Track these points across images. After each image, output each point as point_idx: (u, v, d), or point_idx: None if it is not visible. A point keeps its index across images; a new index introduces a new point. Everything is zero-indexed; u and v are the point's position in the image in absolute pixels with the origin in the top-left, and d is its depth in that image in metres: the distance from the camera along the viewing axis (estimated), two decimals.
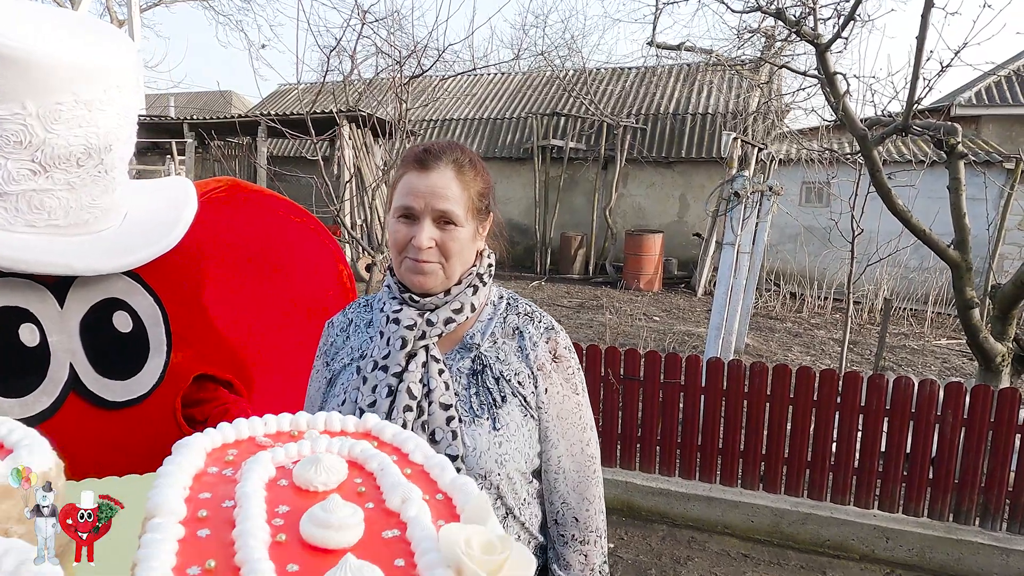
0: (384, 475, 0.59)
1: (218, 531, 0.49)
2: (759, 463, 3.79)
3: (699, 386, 3.82)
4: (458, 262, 1.26)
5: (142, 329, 1.31)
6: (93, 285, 1.24)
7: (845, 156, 4.86)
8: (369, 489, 0.58)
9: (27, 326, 1.15)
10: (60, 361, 1.18)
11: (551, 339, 1.30)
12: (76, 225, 1.20)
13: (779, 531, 3.68)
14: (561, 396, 1.28)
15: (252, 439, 0.65)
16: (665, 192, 13.27)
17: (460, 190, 1.24)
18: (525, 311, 1.33)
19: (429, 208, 1.22)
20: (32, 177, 1.12)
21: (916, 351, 8.75)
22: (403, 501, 0.55)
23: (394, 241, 1.27)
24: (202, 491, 0.54)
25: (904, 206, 3.33)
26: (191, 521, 0.50)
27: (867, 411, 3.55)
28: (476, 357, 1.27)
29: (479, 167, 1.30)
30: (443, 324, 1.26)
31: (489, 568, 0.47)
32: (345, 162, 9.14)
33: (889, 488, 3.58)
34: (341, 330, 1.39)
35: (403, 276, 1.28)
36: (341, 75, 5.78)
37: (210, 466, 0.59)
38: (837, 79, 3.19)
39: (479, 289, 1.31)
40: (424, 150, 1.27)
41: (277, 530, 0.50)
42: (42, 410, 1.16)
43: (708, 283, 11.22)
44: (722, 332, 5.33)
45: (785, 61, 5.40)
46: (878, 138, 3.14)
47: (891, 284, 9.95)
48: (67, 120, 1.12)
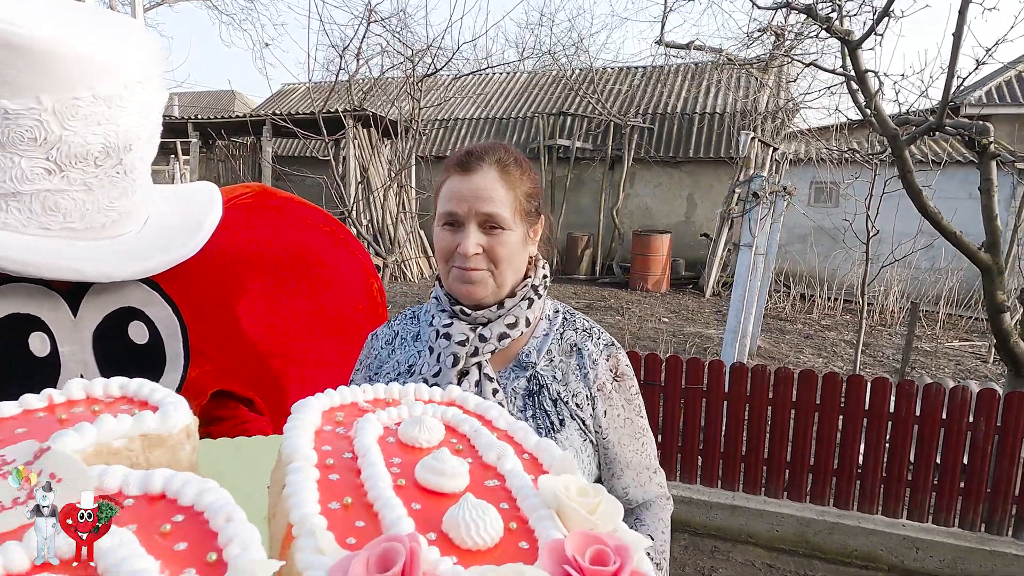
0: (477, 436, 0.64)
1: (346, 476, 0.55)
2: (783, 471, 3.70)
3: (722, 392, 3.73)
4: (508, 269, 1.18)
5: (159, 341, 1.24)
6: (109, 293, 1.17)
7: (868, 156, 4.76)
8: (465, 448, 0.63)
9: (37, 335, 1.09)
10: (71, 373, 1.11)
11: (612, 356, 1.22)
12: (93, 229, 1.13)
13: (805, 541, 3.59)
14: (623, 419, 1.19)
15: (355, 404, 0.70)
16: (672, 192, 13.18)
17: (505, 191, 1.16)
18: (583, 326, 1.26)
19: (473, 212, 1.15)
20: (47, 177, 1.05)
21: (929, 353, 8.65)
22: (498, 457, 0.60)
23: (440, 250, 1.20)
24: (323, 444, 0.59)
25: (935, 208, 3.24)
26: (321, 467, 0.55)
27: (896, 418, 3.46)
28: (532, 377, 1.19)
29: (525, 166, 1.22)
30: (497, 340, 1.18)
31: (588, 509, 0.52)
32: (352, 162, 9.05)
33: (919, 497, 3.49)
34: (386, 343, 1.32)
35: (451, 286, 1.20)
36: (347, 74, 5.71)
37: (325, 424, 0.64)
38: (868, 77, 3.10)
39: (534, 302, 1.23)
40: (466, 152, 1.19)
41: (396, 476, 0.55)
42: None
43: (716, 284, 11.12)
44: (739, 335, 5.23)
45: (796, 59, 5.29)
46: (910, 138, 3.05)
47: (902, 285, 9.86)
48: (85, 117, 1.06)
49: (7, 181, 1.03)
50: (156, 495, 0.47)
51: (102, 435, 0.55)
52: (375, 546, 0.43)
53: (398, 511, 0.50)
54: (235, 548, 0.42)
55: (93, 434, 0.54)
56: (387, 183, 6.81)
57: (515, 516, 0.54)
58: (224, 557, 0.42)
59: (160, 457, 0.58)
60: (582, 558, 0.45)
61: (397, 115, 8.03)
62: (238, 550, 0.42)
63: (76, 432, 0.53)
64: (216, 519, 0.45)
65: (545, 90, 15.21)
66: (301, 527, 0.47)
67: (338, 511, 0.51)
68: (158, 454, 0.58)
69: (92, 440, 0.54)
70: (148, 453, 0.58)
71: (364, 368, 1.32)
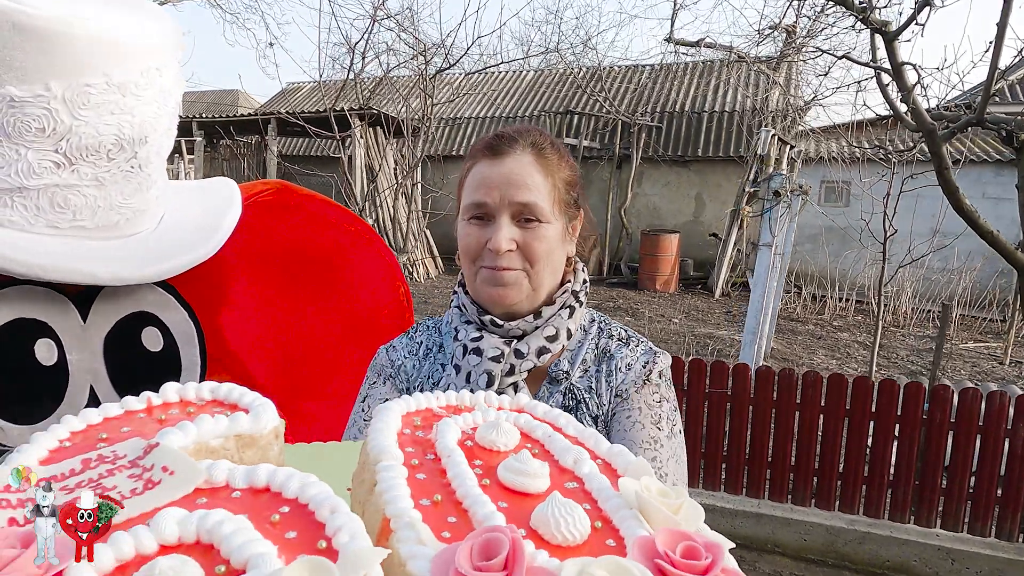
0: (552, 441, 0.65)
1: (432, 476, 0.56)
2: (811, 478, 3.58)
3: (747, 396, 3.61)
4: (546, 269, 1.04)
5: (174, 348, 1.17)
6: (121, 297, 1.10)
7: (900, 151, 4.63)
8: (541, 452, 0.64)
9: (44, 342, 1.01)
10: (79, 383, 1.04)
11: (649, 363, 1.06)
12: (104, 227, 1.06)
13: (834, 550, 3.48)
14: (631, 423, 1.02)
15: (430, 409, 0.70)
16: (681, 191, 13.06)
17: (542, 178, 1.02)
18: (620, 335, 1.11)
19: (506, 202, 1.00)
20: (56, 170, 0.98)
21: (944, 355, 8.52)
22: (575, 460, 0.61)
23: (465, 248, 1.05)
24: (406, 446, 0.60)
25: (971, 206, 3.12)
26: (408, 466, 0.56)
27: (930, 424, 3.34)
28: (568, 391, 1.05)
29: (563, 152, 1.08)
30: (535, 355, 1.03)
31: (671, 509, 0.51)
32: (358, 161, 8.96)
33: (953, 506, 3.37)
34: (411, 353, 1.16)
35: (479, 291, 1.06)
36: (354, 73, 5.61)
37: (404, 428, 0.65)
38: (905, 70, 2.99)
39: (575, 311, 1.08)
40: (495, 135, 1.05)
41: (480, 476, 0.56)
42: None
43: (726, 284, 11.01)
44: (757, 337, 5.12)
45: (827, 52, 5.16)
46: (947, 133, 2.94)
47: (914, 286, 9.73)
48: (97, 105, 0.98)
49: (13, 175, 0.96)
50: (261, 488, 0.49)
51: (202, 434, 0.57)
52: (477, 536, 0.44)
53: (488, 507, 0.51)
54: (344, 536, 0.43)
55: (194, 433, 0.56)
56: (395, 185, 6.72)
57: (599, 516, 0.54)
58: (334, 545, 0.43)
59: (252, 456, 0.61)
60: (673, 553, 0.45)
61: (405, 114, 7.93)
62: (347, 538, 0.43)
63: (179, 431, 0.55)
64: (321, 510, 0.46)
65: (552, 88, 15.10)
66: (399, 520, 0.48)
67: (429, 507, 0.51)
68: (250, 453, 0.60)
69: (193, 438, 0.56)
70: (241, 452, 0.60)
71: (382, 377, 1.17)
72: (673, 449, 1.03)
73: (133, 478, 0.49)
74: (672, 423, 1.05)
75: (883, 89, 3.43)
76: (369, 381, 1.18)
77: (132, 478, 0.49)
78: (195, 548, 0.43)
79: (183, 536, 0.44)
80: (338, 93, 5.36)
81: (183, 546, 0.43)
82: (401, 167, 6.58)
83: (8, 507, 0.47)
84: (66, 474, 0.51)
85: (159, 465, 0.49)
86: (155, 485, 0.48)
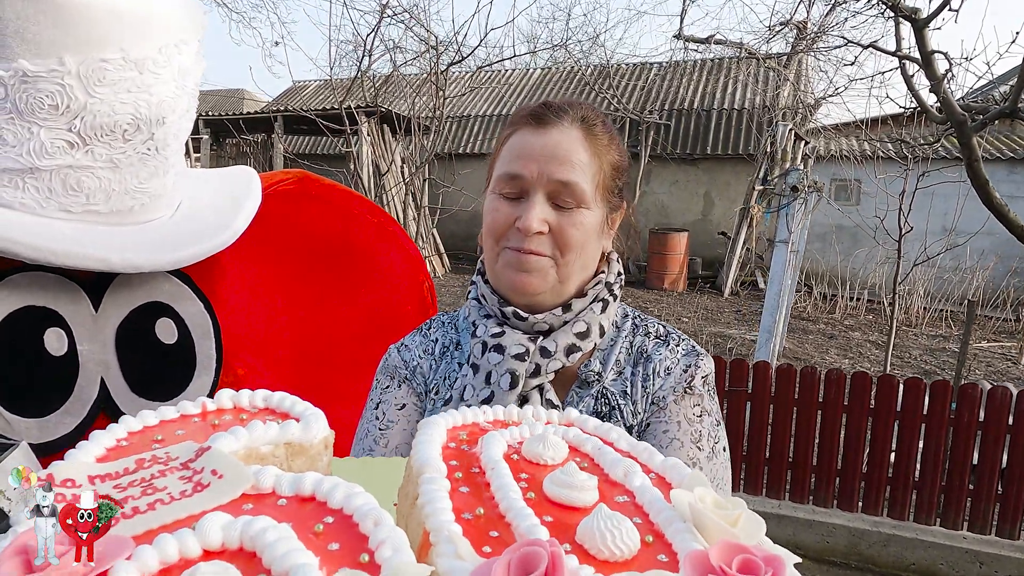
0: (602, 454, 0.62)
1: (475, 489, 0.55)
2: (834, 478, 3.50)
3: (768, 394, 3.53)
4: (577, 261, 0.93)
5: (189, 341, 1.11)
6: (135, 286, 1.05)
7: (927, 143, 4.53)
8: (590, 465, 0.62)
9: (54, 331, 0.97)
10: (90, 375, 1.00)
11: (691, 367, 0.96)
12: (119, 213, 1.01)
13: (857, 553, 3.39)
14: (668, 439, 0.91)
15: (476, 424, 0.68)
16: (689, 190, 12.98)
17: (589, 157, 0.92)
18: (658, 332, 1.00)
19: (544, 178, 0.90)
20: (69, 150, 0.94)
21: (957, 354, 8.44)
22: (626, 473, 0.58)
23: (491, 225, 0.94)
24: (450, 459, 0.59)
25: (1001, 199, 3.03)
26: (451, 479, 0.55)
27: (957, 424, 3.25)
28: (600, 396, 0.95)
29: (614, 133, 0.98)
30: (564, 354, 0.93)
31: (728, 521, 0.49)
32: (365, 159, 8.91)
33: (981, 507, 3.29)
34: (426, 352, 1.05)
35: (499, 275, 0.95)
36: (361, 70, 5.56)
37: (450, 442, 0.64)
38: (935, 59, 2.90)
39: (608, 305, 0.98)
40: (542, 103, 0.95)
41: (525, 490, 0.54)
42: (65, 434, 0.97)
43: (735, 283, 10.93)
44: (773, 335, 5.04)
45: (853, 43, 5.06)
46: (978, 124, 2.85)
47: (926, 285, 9.64)
48: (113, 82, 0.94)
49: (24, 155, 0.91)
50: (307, 496, 0.48)
51: (253, 440, 0.57)
52: (515, 551, 0.42)
53: (531, 520, 0.50)
54: (387, 550, 0.43)
55: (245, 438, 0.57)
56: (403, 180, 6.68)
57: (650, 530, 0.51)
58: (376, 559, 0.43)
59: (301, 465, 0.61)
60: (729, 568, 0.43)
61: (412, 112, 7.89)
62: (390, 552, 0.43)
63: (231, 435, 0.56)
64: (365, 522, 0.46)
65: (560, 86, 15.03)
66: (439, 534, 0.47)
67: (471, 521, 0.51)
68: (299, 462, 0.61)
69: (244, 443, 0.56)
70: (291, 461, 0.60)
71: (396, 379, 1.06)
72: (714, 472, 0.93)
73: (183, 480, 0.49)
74: (714, 440, 0.94)
75: (908, 80, 3.34)
76: (381, 385, 1.07)
77: (182, 479, 0.49)
78: (238, 555, 0.43)
79: (227, 542, 0.44)
80: (346, 90, 5.29)
81: (226, 552, 0.43)
82: (409, 165, 6.53)
83: (63, 501, 0.45)
84: (120, 472, 0.52)
85: (209, 468, 0.49)
86: (204, 488, 0.48)
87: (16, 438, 0.88)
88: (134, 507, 0.46)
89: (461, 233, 11.87)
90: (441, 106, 4.22)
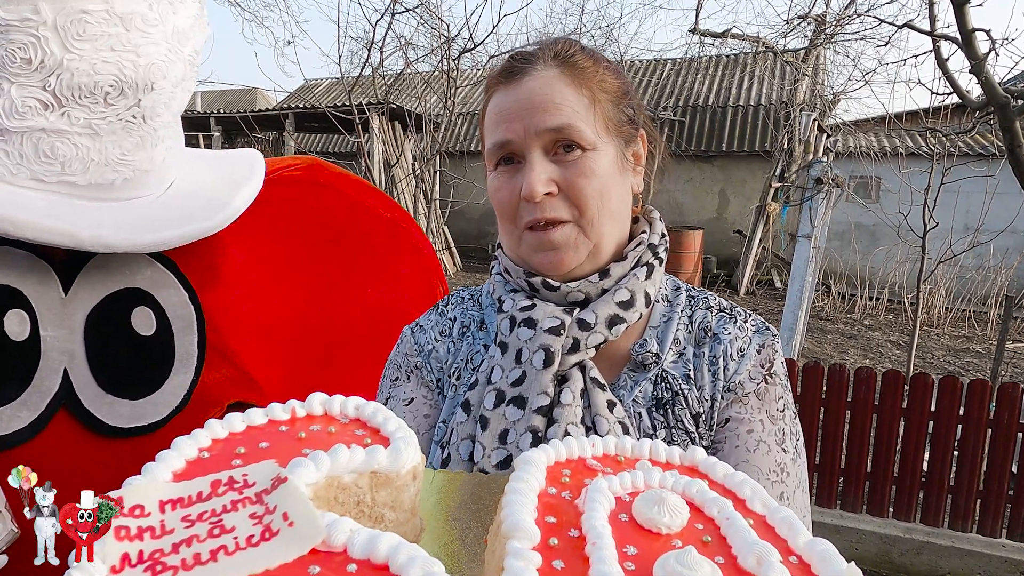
0: (730, 526, 0.52)
1: (572, 565, 0.47)
2: (863, 482, 3.34)
3: (793, 394, 3.37)
4: (603, 212, 0.81)
5: (168, 334, 1.01)
6: (112, 270, 0.95)
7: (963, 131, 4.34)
8: (715, 539, 0.52)
9: (16, 312, 0.87)
10: (52, 364, 0.90)
11: (766, 346, 0.84)
12: (98, 187, 0.92)
13: (889, 561, 3.23)
14: (755, 442, 0.81)
15: (583, 460, 0.61)
16: (704, 187, 12.82)
17: (575, 91, 0.80)
18: (719, 305, 0.88)
19: (532, 132, 0.79)
20: (42, 111, 0.85)
21: (982, 355, 8.25)
22: (759, 563, 0.47)
23: (499, 206, 0.84)
24: (547, 514, 0.53)
25: None
26: (544, 548, 0.49)
27: (996, 425, 3.09)
28: (659, 380, 0.83)
29: (601, 59, 0.85)
30: (606, 326, 0.81)
31: None
32: (376, 156, 8.85)
33: (1021, 514, 3.12)
34: (442, 334, 0.94)
35: (527, 260, 0.85)
36: (371, 67, 5.49)
37: (550, 486, 0.57)
38: (975, 38, 2.73)
39: (654, 271, 0.85)
40: (509, 56, 0.85)
41: (630, 574, 0.47)
42: (18, 429, 0.87)
43: (750, 282, 10.77)
44: (795, 333, 4.88)
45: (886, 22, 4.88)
46: (1022, 107, 2.69)
47: (948, 284, 9.43)
48: (95, 37, 0.86)
49: None
50: (379, 565, 0.44)
51: (335, 468, 0.53)
52: None
53: None
54: None
55: (327, 466, 0.53)
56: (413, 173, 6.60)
57: None
58: None
59: (385, 497, 0.57)
60: None
61: (423, 107, 7.79)
62: None
63: (312, 463, 0.52)
64: None
65: None
66: None
67: None
68: (383, 494, 0.56)
69: (326, 471, 0.53)
70: (375, 492, 0.56)
71: (409, 374, 0.95)
72: (799, 475, 0.82)
73: (254, 518, 0.46)
74: (796, 438, 0.83)
75: (942, 63, 3.18)
76: (390, 377, 0.97)
77: (253, 518, 0.46)
78: None
79: None
80: (354, 85, 5.20)
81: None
82: (420, 162, 6.47)
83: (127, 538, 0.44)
84: (193, 498, 0.49)
85: (282, 510, 0.46)
86: (272, 536, 0.44)
87: None
88: (195, 554, 0.43)
89: (472, 231, 11.77)
90: (452, 96, 4.11)
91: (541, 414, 0.79)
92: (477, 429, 0.81)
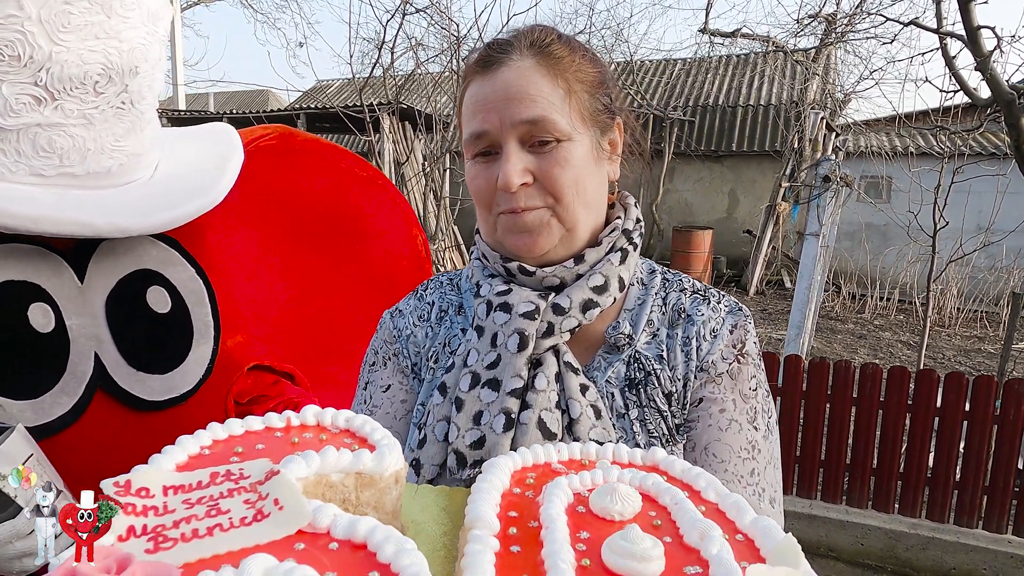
0: (680, 510, 0.57)
1: (528, 549, 0.52)
2: (868, 478, 3.35)
3: (799, 389, 3.40)
4: (578, 201, 0.83)
5: (183, 309, 1.05)
6: (120, 254, 0.98)
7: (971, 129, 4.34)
8: (665, 523, 0.56)
9: (38, 306, 0.90)
10: (82, 351, 0.93)
11: (738, 327, 0.86)
12: (96, 175, 0.93)
13: (894, 556, 3.24)
14: (726, 421, 0.83)
15: (548, 464, 0.66)
16: (714, 187, 12.78)
17: (551, 82, 0.81)
18: (693, 288, 0.90)
19: (508, 123, 0.80)
20: (36, 107, 0.86)
21: (993, 355, 8.19)
22: (702, 538, 0.52)
23: (476, 193, 0.86)
24: (510, 509, 0.57)
25: None
26: (504, 537, 0.53)
27: (1002, 421, 3.09)
28: (632, 360, 0.85)
29: (576, 47, 0.86)
30: (580, 311, 0.83)
31: None
32: (387, 156, 8.92)
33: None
34: (420, 319, 0.96)
35: (503, 242, 0.87)
36: (382, 67, 5.52)
37: (514, 487, 0.61)
38: (981, 35, 2.75)
39: (628, 255, 0.87)
40: (486, 45, 0.86)
41: (581, 555, 0.51)
42: (62, 414, 0.90)
43: (760, 282, 10.73)
44: (802, 332, 4.88)
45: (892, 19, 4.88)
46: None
47: (959, 284, 9.36)
48: (79, 28, 0.86)
49: None
50: (358, 544, 0.48)
51: (324, 466, 0.56)
52: None
53: None
54: None
55: (317, 464, 0.56)
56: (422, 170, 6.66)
57: None
58: None
59: (369, 498, 0.59)
60: None
61: (433, 107, 7.82)
62: None
63: (303, 460, 0.55)
64: None
65: None
66: None
67: None
68: (367, 495, 0.59)
69: (315, 469, 0.56)
70: (359, 492, 0.59)
71: (385, 355, 0.97)
72: (770, 452, 0.84)
73: (247, 504, 0.50)
74: (768, 415, 0.86)
75: (949, 60, 3.19)
76: (368, 362, 0.99)
77: (246, 504, 0.50)
78: None
79: None
80: (365, 85, 5.25)
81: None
82: (430, 161, 6.51)
83: (133, 513, 0.47)
84: (193, 485, 0.53)
85: (272, 496, 0.50)
86: (263, 518, 0.48)
87: (10, 422, 0.83)
88: (194, 529, 0.46)
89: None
90: (462, 95, 4.14)
91: (515, 396, 0.81)
92: (452, 410, 0.84)
